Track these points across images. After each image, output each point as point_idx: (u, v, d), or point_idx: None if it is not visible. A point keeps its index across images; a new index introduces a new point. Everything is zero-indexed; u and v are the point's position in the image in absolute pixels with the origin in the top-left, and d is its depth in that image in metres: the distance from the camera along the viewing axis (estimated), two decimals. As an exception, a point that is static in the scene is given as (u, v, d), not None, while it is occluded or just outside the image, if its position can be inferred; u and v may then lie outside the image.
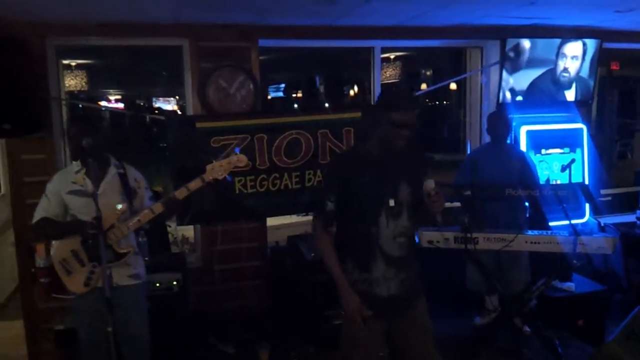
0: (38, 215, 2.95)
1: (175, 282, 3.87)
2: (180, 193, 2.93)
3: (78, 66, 8.57)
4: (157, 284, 3.81)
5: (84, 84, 8.70)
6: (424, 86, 13.54)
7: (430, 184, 2.50)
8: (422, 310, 2.76)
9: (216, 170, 2.93)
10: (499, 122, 4.34)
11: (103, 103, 16.51)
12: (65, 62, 7.37)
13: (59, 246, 2.92)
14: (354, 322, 2.58)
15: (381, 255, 2.61)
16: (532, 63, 4.91)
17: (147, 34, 4.24)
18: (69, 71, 8.21)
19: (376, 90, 5.04)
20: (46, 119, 4.08)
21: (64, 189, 2.93)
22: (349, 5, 3.78)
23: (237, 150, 3.05)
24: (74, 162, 3.05)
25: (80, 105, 5.46)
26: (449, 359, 3.94)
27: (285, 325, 4.29)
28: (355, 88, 16.28)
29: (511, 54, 4.77)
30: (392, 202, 2.59)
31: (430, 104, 18.02)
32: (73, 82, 8.51)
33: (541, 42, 4.87)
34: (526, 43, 4.82)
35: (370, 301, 2.60)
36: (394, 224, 2.61)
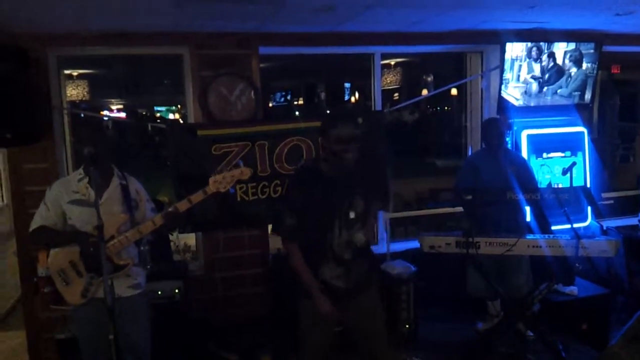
0: (36, 223, 2.93)
1: (177, 290, 3.87)
2: (182, 205, 2.91)
3: (80, 76, 8.62)
4: (159, 292, 3.82)
5: (85, 93, 8.75)
6: (424, 92, 13.54)
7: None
8: (371, 296, 3.01)
9: (219, 182, 2.92)
10: (490, 131, 4.32)
11: (105, 112, 16.55)
12: (67, 72, 7.41)
13: (57, 256, 2.90)
14: (325, 318, 2.83)
15: (333, 257, 2.86)
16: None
17: (147, 43, 4.26)
18: (70, 81, 8.25)
19: (377, 96, 5.05)
20: (48, 128, 4.09)
21: (65, 198, 2.90)
22: (348, 12, 3.79)
23: (240, 162, 3.05)
24: (76, 171, 3.04)
25: (82, 115, 5.49)
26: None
27: (288, 332, 4.27)
28: (357, 95, 16.31)
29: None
30: (352, 214, 2.85)
31: (431, 109, 18.06)
32: (75, 91, 8.56)
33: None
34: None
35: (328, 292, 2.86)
36: (346, 233, 2.86)
